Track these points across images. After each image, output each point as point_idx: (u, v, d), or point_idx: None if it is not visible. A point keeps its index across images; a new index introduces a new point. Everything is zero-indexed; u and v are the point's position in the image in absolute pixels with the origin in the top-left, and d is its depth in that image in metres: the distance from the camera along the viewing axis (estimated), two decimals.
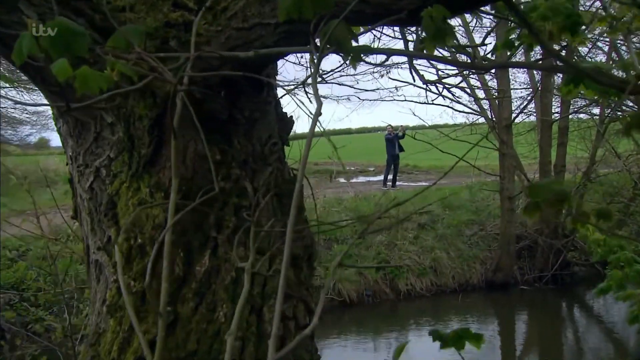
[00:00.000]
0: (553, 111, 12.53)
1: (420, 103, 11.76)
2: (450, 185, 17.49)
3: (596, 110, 13.23)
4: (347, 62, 1.31)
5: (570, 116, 12.31)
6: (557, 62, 1.30)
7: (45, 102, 1.95)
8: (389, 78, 15.01)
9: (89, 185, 1.93)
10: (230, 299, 1.76)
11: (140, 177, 1.84)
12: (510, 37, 2.03)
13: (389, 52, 1.37)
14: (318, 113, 1.20)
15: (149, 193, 1.83)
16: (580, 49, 9.24)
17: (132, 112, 1.83)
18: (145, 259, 1.79)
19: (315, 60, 1.24)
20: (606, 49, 11.65)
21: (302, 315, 1.87)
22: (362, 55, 1.30)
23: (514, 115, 11.78)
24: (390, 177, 18.26)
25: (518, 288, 11.35)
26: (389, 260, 11.12)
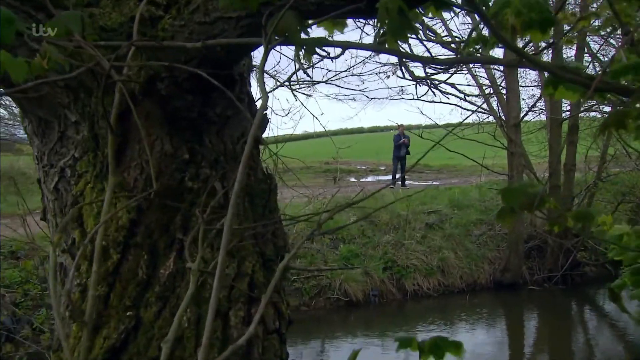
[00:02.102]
0: (563, 109, 12.36)
1: (427, 102, 11.64)
2: (459, 184, 17.35)
3: (608, 109, 13.04)
4: (302, 54, 1.24)
5: (580, 114, 12.11)
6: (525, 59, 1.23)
7: None
8: (397, 77, 14.87)
9: (54, 185, 1.88)
10: (196, 303, 1.70)
11: (105, 178, 1.78)
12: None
13: (345, 45, 1.30)
14: (264, 107, 1.13)
15: (112, 193, 1.77)
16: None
17: (97, 110, 1.77)
18: (108, 261, 1.74)
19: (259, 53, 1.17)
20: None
21: (271, 319, 1.80)
22: (316, 47, 1.23)
23: (522, 113, 11.63)
24: (398, 175, 18.04)
25: (527, 288, 11.19)
26: (396, 260, 11.02)
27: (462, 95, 11.41)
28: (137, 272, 1.72)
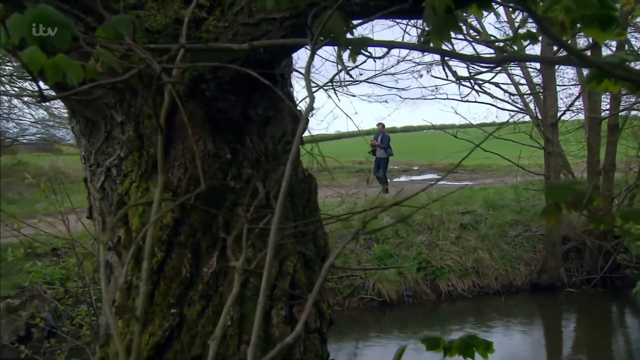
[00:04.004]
0: (603, 108, 12.08)
1: (461, 101, 11.52)
2: (493, 184, 17.12)
3: None
4: (346, 54, 1.24)
5: (620, 113, 11.81)
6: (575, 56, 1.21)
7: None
8: (432, 76, 14.74)
9: (100, 184, 1.92)
10: (238, 301, 1.71)
11: (150, 177, 1.82)
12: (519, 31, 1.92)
13: (391, 45, 1.30)
14: (310, 108, 1.14)
15: (162, 193, 1.80)
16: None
17: (142, 111, 1.81)
18: (153, 259, 1.77)
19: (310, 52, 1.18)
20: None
21: (313, 318, 1.81)
22: (361, 48, 1.23)
23: (560, 112, 11.41)
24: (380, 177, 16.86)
25: (565, 291, 10.97)
26: (430, 261, 10.94)
27: (503, 95, 11.25)
28: (180, 271, 1.74)
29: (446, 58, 3.46)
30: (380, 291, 10.22)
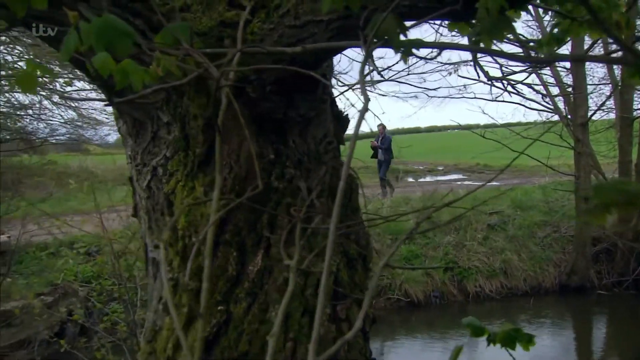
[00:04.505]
0: (635, 107, 11.88)
1: (489, 100, 11.41)
2: (522, 185, 16.94)
3: None
4: (399, 55, 1.26)
5: None
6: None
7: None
8: (458, 76, 14.65)
9: (147, 184, 1.96)
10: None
11: (195, 177, 1.85)
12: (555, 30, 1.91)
13: (441, 46, 1.31)
14: (365, 110, 1.15)
15: (203, 192, 1.83)
16: None
17: (187, 111, 1.84)
18: (199, 257, 1.80)
19: (364, 54, 1.20)
20: None
21: (356, 317, 1.82)
22: (412, 49, 1.24)
23: (590, 112, 11.24)
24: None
25: (595, 293, 10.81)
26: (457, 262, 10.87)
27: (533, 95, 11.12)
28: (226, 269, 1.77)
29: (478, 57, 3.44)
30: (408, 291, 10.19)
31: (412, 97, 10.57)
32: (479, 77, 3.04)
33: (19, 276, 8.79)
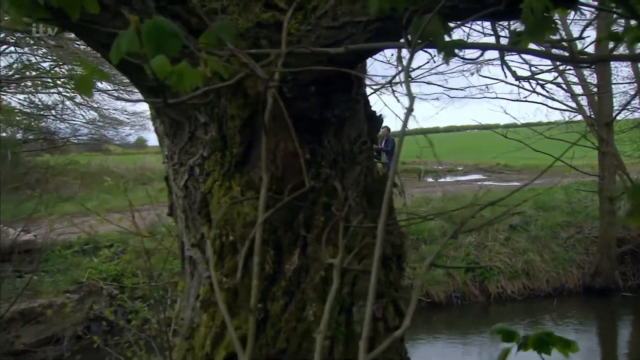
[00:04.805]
0: None
1: (512, 100, 11.31)
2: (544, 185, 16.78)
3: None
4: (440, 57, 1.27)
5: None
6: None
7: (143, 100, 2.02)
8: (480, 75, 14.55)
9: (184, 183, 1.99)
10: (320, 298, 1.76)
11: (232, 176, 1.88)
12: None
13: (484, 47, 1.31)
14: (410, 110, 1.17)
15: (240, 191, 1.86)
16: None
17: (225, 112, 1.87)
18: (236, 255, 1.83)
19: (407, 56, 1.21)
20: None
21: (392, 316, 1.83)
22: (455, 50, 1.25)
23: (615, 112, 11.10)
24: None
25: (620, 295, 10.67)
26: (478, 262, 10.81)
27: (558, 95, 11.01)
28: (263, 267, 1.80)
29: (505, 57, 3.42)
30: (429, 292, 10.15)
31: (435, 99, 10.48)
32: (506, 76, 3.04)
33: (45, 274, 8.92)
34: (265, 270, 1.79)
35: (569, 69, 11.26)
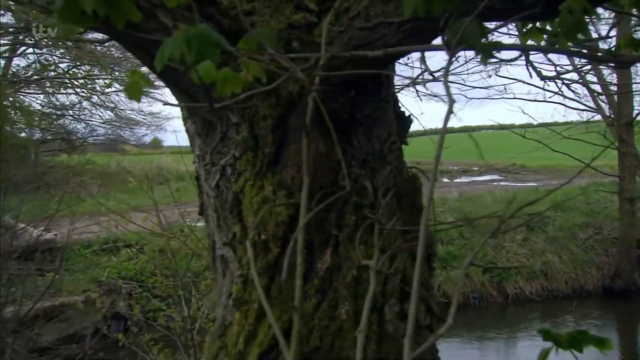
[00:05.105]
0: None
1: (530, 100, 11.25)
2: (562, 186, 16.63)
3: None
4: (478, 59, 1.28)
5: None
6: None
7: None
8: (497, 76, 14.44)
9: (215, 183, 2.01)
10: (352, 296, 1.77)
11: (264, 176, 1.90)
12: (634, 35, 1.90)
13: (522, 48, 1.32)
14: (450, 111, 1.18)
15: (272, 191, 1.88)
16: None
17: (257, 112, 1.89)
18: (269, 255, 1.85)
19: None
20: None
21: (423, 315, 1.85)
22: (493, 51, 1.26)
23: (636, 111, 11.00)
24: None
25: None
26: (496, 263, 10.77)
27: (576, 95, 10.92)
28: (295, 266, 1.81)
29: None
30: (446, 292, 10.12)
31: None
32: (531, 76, 3.03)
33: (65, 272, 9.03)
34: (297, 269, 1.81)
35: (589, 69, 11.18)
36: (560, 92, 9.09)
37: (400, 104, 2.19)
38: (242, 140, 1.94)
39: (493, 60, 7.17)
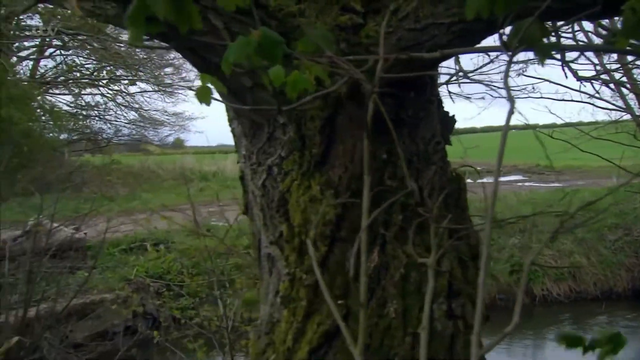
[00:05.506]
0: None
1: (557, 100, 11.07)
2: (586, 187, 16.46)
3: None
4: (537, 59, 1.28)
5: None
6: None
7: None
8: (524, 75, 14.28)
9: (262, 182, 2.05)
10: (400, 295, 1.79)
11: (312, 175, 1.92)
12: None
13: (583, 49, 1.33)
14: (511, 112, 1.19)
15: (319, 191, 1.90)
16: None
17: (304, 113, 1.92)
18: (316, 253, 1.87)
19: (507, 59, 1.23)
20: None
21: (470, 314, 1.85)
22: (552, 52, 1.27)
23: None
24: None
25: None
26: (522, 264, 10.67)
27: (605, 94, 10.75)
28: (343, 265, 1.84)
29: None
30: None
31: (481, 98, 10.34)
32: (566, 77, 3.01)
33: (94, 271, 9.17)
34: (345, 268, 1.83)
35: (617, 68, 11.02)
36: (597, 94, 8.94)
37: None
38: (288, 141, 1.97)
39: (522, 59, 7.12)
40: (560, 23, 1.41)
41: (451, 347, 1.77)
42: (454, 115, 2.17)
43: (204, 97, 1.20)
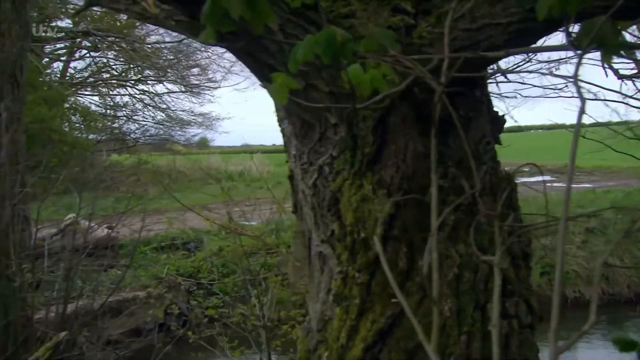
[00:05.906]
0: None
1: (591, 100, 10.93)
2: (617, 187, 16.20)
3: None
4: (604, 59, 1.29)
5: None
6: None
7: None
8: (553, 75, 14.11)
9: (313, 182, 2.07)
10: (454, 294, 1.80)
11: (363, 175, 1.94)
12: None
13: None
14: (582, 111, 1.19)
15: (371, 190, 1.92)
16: None
17: (356, 113, 1.93)
18: (368, 252, 1.89)
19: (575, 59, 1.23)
20: None
21: (524, 314, 1.85)
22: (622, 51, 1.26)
23: None
24: None
25: None
26: (554, 265, 10.54)
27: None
28: (397, 263, 1.85)
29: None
30: None
31: (513, 96, 10.22)
32: (607, 75, 2.97)
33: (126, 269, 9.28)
34: (398, 267, 1.85)
35: None
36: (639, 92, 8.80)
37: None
38: (339, 140, 1.99)
39: (554, 58, 7.04)
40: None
41: (506, 347, 1.77)
42: (503, 115, 2.17)
43: (280, 95, 1.23)
